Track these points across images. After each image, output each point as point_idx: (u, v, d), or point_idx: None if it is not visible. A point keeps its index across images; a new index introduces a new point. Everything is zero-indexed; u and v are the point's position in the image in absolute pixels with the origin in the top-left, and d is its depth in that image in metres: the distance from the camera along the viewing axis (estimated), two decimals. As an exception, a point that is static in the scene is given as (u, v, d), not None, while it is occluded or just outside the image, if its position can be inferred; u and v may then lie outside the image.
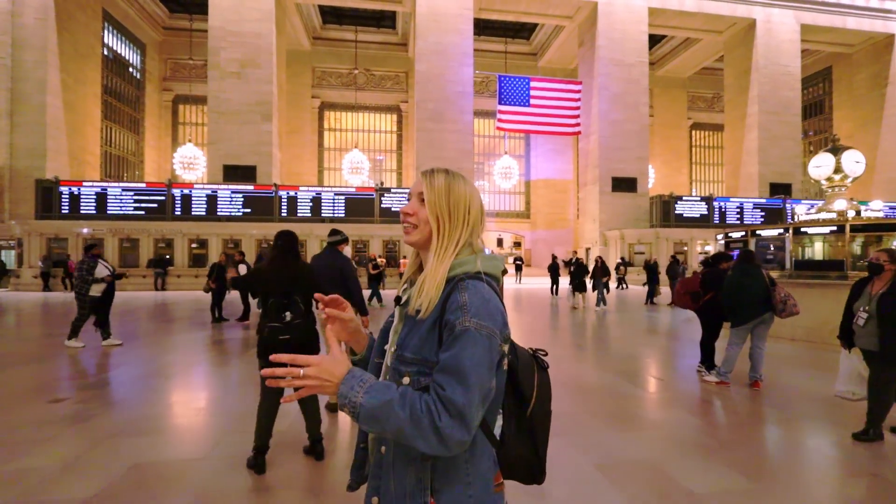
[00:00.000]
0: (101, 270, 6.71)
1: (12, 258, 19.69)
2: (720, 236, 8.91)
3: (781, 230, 7.56)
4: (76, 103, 23.14)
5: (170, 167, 31.78)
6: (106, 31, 25.93)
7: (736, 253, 7.05)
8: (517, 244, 39.16)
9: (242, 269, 8.99)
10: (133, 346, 7.07)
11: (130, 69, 28.58)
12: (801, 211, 9.35)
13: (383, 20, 31.37)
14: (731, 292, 4.53)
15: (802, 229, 7.19)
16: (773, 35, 26.29)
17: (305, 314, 2.98)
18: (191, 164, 25.72)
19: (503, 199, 35.37)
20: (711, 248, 16.15)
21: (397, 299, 1.06)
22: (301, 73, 31.68)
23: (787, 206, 23.52)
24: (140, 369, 5.62)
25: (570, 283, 12.40)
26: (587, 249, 26.12)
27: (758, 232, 7.99)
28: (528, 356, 1.08)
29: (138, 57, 29.24)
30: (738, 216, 23.48)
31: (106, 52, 25.97)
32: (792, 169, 26.62)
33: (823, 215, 7.83)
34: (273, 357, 0.90)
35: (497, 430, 1.01)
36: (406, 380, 0.93)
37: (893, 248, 3.90)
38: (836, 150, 7.83)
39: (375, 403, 0.84)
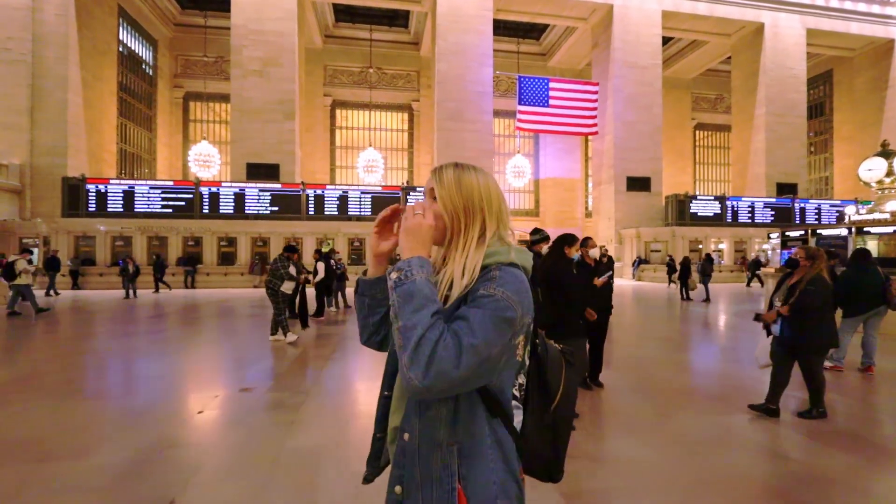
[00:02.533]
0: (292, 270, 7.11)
1: (35, 256, 19.57)
2: (775, 235, 9.40)
3: (844, 229, 8.06)
4: (94, 100, 22.97)
5: (181, 164, 31.67)
6: (120, 28, 25.71)
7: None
8: (523, 242, 39.71)
9: (321, 268, 9.20)
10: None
11: (143, 66, 28.34)
12: (850, 212, 9.87)
13: (396, 19, 31.51)
14: (848, 287, 4.99)
15: (865, 229, 7.70)
16: (781, 39, 27.05)
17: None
18: (206, 161, 25.65)
19: (513, 197, 35.77)
20: (768, 246, 16.62)
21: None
22: (313, 71, 31.68)
23: (796, 205, 24.29)
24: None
25: None
26: (601, 247, 26.63)
27: (818, 231, 8.50)
28: (556, 351, 1.07)
29: (150, 53, 29.02)
30: (750, 215, 24.20)
31: (121, 49, 25.75)
32: (797, 169, 27.44)
33: (877, 215, 8.31)
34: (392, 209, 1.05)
35: (517, 425, 0.99)
36: None
37: (811, 246, 4.44)
38: (888, 154, 8.33)
39: (425, 290, 0.86)
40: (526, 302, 0.90)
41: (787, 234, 9.08)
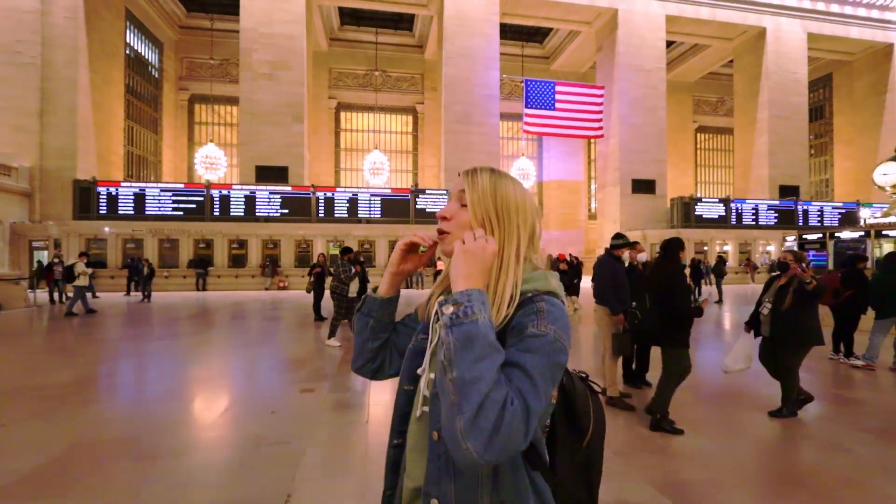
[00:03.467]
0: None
1: (44, 258, 19.55)
2: (791, 238, 9.62)
3: (863, 232, 8.28)
4: (103, 103, 22.98)
5: (186, 167, 31.70)
6: (127, 31, 25.74)
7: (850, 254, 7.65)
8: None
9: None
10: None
11: (149, 68, 28.36)
12: (866, 215, 10.10)
13: (401, 22, 31.69)
14: (881, 289, 5.17)
15: (884, 232, 7.92)
16: (783, 43, 27.43)
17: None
18: (213, 164, 25.70)
19: (517, 199, 35.99)
20: (773, 249, 16.88)
21: (439, 311, 0.84)
22: (318, 74, 31.78)
23: (799, 207, 24.62)
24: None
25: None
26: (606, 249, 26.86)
27: (836, 234, 8.72)
28: (579, 380, 0.96)
29: (156, 56, 29.04)
30: (754, 217, 24.50)
31: (127, 52, 25.77)
32: (800, 172, 27.79)
33: (892, 219, 8.53)
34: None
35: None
36: None
37: (796, 250, 4.70)
38: (904, 159, 8.55)
39: (490, 335, 0.71)
40: (568, 341, 0.79)
41: (804, 237, 9.30)
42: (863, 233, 8.20)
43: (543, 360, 0.73)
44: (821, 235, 8.73)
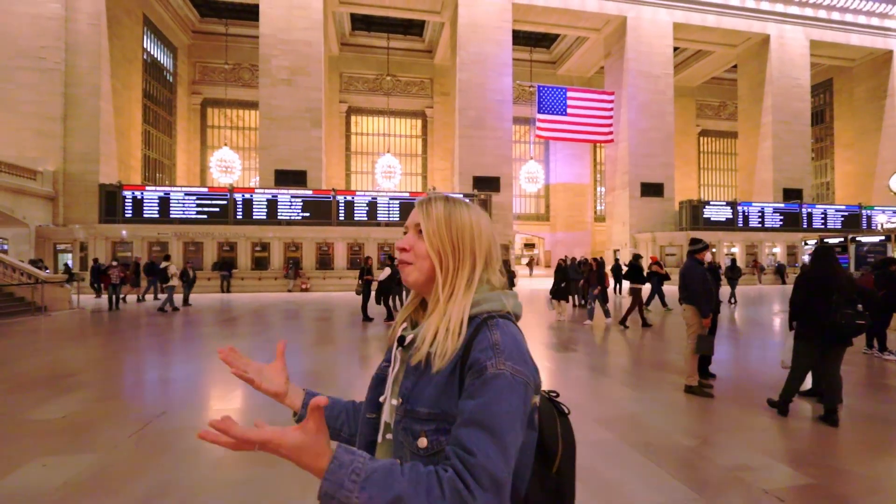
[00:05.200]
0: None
1: (69, 260, 19.88)
2: (812, 242, 10.15)
3: (883, 237, 8.83)
4: (123, 108, 23.35)
5: (199, 170, 32.06)
6: (144, 36, 26.10)
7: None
8: (529, 245, 40.57)
9: (386, 272, 9.71)
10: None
11: (164, 73, 28.72)
12: (882, 220, 10.64)
13: (411, 28, 32.20)
14: (916, 289, 5.69)
15: (904, 236, 8.48)
16: (786, 49, 28.14)
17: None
18: (228, 167, 26.11)
19: (524, 202, 36.55)
20: (778, 251, 17.24)
21: (400, 339, 0.90)
22: (329, 78, 32.14)
23: (804, 210, 25.27)
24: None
25: (552, 289, 10.42)
26: (615, 251, 27.44)
27: (857, 238, 9.26)
28: (545, 401, 0.92)
29: (171, 61, 29.40)
30: (760, 220, 25.13)
31: (144, 57, 26.13)
32: (803, 175, 28.47)
33: (909, 223, 9.05)
34: (213, 423, 0.65)
35: None
36: (423, 441, 0.78)
37: None
38: (921, 168, 9.08)
39: (375, 495, 0.65)
40: (531, 364, 0.79)
41: (824, 240, 9.84)
42: (883, 237, 8.73)
43: (508, 404, 0.73)
44: (842, 239, 9.27)
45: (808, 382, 4.72)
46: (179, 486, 2.84)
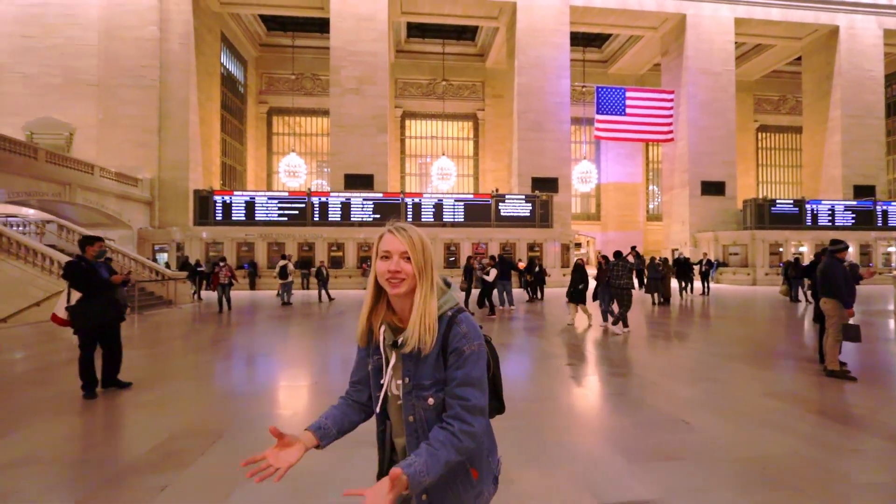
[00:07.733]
0: None
1: (163, 260, 21.84)
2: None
3: None
4: (205, 118, 25.33)
5: (265, 175, 34.09)
6: (221, 51, 28.11)
7: None
8: (577, 245, 40.55)
9: (494, 272, 10.50)
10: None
11: (237, 85, 30.78)
12: None
13: (464, 33, 33.01)
14: None
15: None
16: (857, 40, 27.09)
17: None
18: (294, 172, 27.74)
19: (576, 202, 36.62)
20: (851, 249, 16.87)
21: (394, 343, 1.22)
22: (386, 84, 33.49)
23: (878, 207, 24.34)
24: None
25: (568, 290, 9.51)
26: (674, 250, 27.25)
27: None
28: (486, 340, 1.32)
29: (242, 72, 31.46)
30: (830, 218, 24.40)
31: (222, 71, 28.15)
32: (876, 171, 27.34)
33: None
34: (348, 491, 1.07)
35: None
36: (431, 400, 1.19)
37: None
38: None
39: (436, 471, 1.08)
40: (481, 334, 1.23)
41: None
42: None
43: (479, 368, 1.18)
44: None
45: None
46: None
